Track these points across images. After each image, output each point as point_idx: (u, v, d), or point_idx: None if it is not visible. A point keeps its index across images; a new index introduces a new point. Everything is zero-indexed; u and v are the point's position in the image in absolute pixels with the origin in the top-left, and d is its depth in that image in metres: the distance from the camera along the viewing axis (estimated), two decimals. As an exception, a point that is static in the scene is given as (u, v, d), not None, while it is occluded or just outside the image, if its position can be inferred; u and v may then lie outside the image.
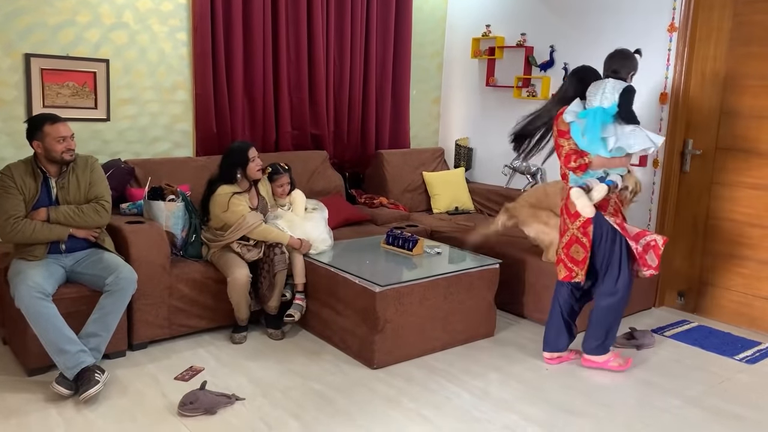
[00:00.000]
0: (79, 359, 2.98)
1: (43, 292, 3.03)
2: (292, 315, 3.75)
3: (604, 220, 3.36)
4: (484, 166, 5.83)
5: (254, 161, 3.84)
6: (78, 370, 2.96)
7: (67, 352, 2.97)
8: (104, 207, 3.31)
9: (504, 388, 3.30)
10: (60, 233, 3.21)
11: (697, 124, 4.42)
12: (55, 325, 2.99)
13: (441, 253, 4.08)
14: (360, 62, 5.39)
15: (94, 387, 2.91)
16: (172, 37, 4.49)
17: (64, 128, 3.22)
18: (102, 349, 3.17)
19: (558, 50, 5.13)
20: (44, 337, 2.99)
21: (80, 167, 3.32)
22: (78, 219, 3.23)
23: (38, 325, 2.99)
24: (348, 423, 2.89)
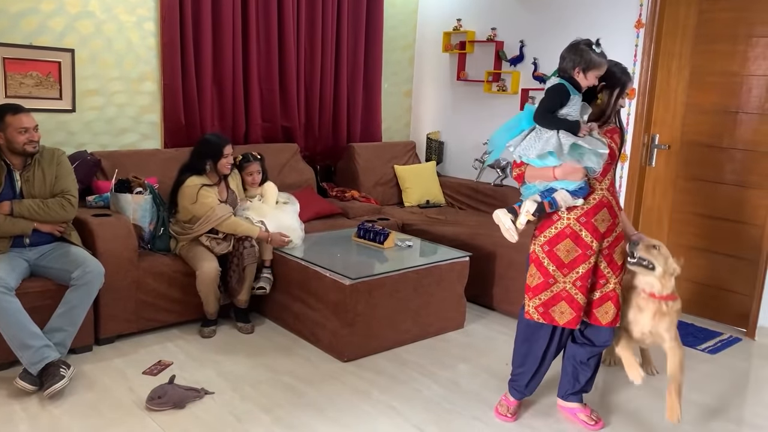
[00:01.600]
0: (43, 354, 2.93)
1: (6, 286, 2.96)
2: (264, 287, 3.77)
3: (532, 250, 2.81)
4: (455, 159, 5.86)
5: (227, 158, 3.80)
6: (42, 365, 2.91)
7: (30, 347, 2.91)
8: (70, 201, 3.25)
9: (473, 379, 3.33)
10: (24, 227, 3.15)
11: (663, 119, 4.50)
12: (18, 319, 2.93)
13: (412, 246, 4.09)
14: (331, 54, 5.36)
15: (59, 382, 2.86)
16: (140, 26, 4.41)
17: (26, 119, 3.15)
18: (67, 344, 3.12)
19: (528, 45, 5.17)
20: (7, 332, 2.93)
21: (46, 160, 3.25)
22: (42, 213, 3.17)
23: (0, 320, 2.93)
24: (318, 416, 2.89)
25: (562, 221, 2.69)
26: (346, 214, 4.90)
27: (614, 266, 2.76)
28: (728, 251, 4.26)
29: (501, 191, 5.26)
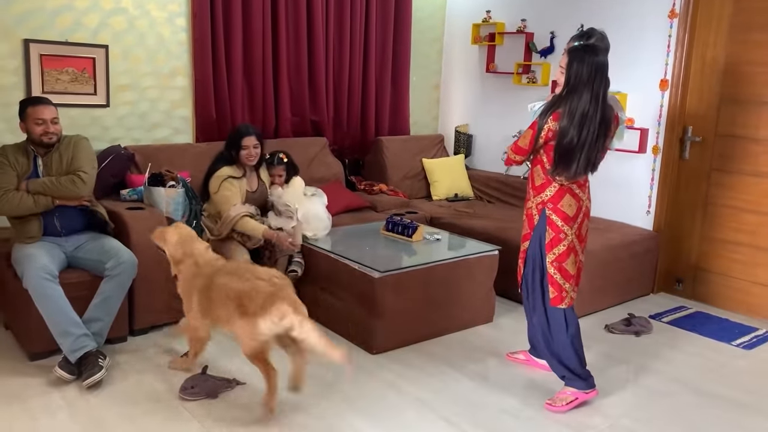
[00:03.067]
0: (83, 343, 3.01)
1: (51, 273, 3.06)
2: (296, 270, 3.81)
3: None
4: (483, 152, 5.83)
5: (247, 149, 3.84)
6: (81, 353, 2.99)
7: (71, 335, 3.00)
8: (81, 177, 3.25)
9: (502, 373, 3.32)
10: (45, 203, 3.22)
11: (696, 110, 4.42)
12: (60, 306, 3.02)
13: (440, 239, 4.09)
14: (360, 48, 5.37)
15: (98, 373, 2.93)
16: (171, 22, 4.47)
17: (44, 110, 3.24)
18: (104, 334, 3.19)
19: (558, 36, 5.11)
20: (49, 318, 3.02)
21: (64, 145, 3.34)
22: (53, 188, 3.23)
23: (44, 306, 3.01)
24: (347, 407, 2.92)
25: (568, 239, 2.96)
26: (375, 208, 4.92)
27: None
28: (763, 245, 4.17)
29: (530, 184, 5.22)
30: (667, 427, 2.88)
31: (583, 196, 2.99)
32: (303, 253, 3.90)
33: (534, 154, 3.01)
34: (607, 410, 2.99)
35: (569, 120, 2.80)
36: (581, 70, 2.79)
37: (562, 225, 2.94)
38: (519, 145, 3.01)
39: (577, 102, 2.80)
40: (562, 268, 2.97)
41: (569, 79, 2.83)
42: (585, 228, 3.06)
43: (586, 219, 3.04)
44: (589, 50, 2.82)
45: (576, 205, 2.95)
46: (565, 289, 2.98)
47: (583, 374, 3.02)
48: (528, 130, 2.97)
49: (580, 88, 2.80)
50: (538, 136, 2.90)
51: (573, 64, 2.82)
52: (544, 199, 2.98)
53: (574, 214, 2.95)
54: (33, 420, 2.71)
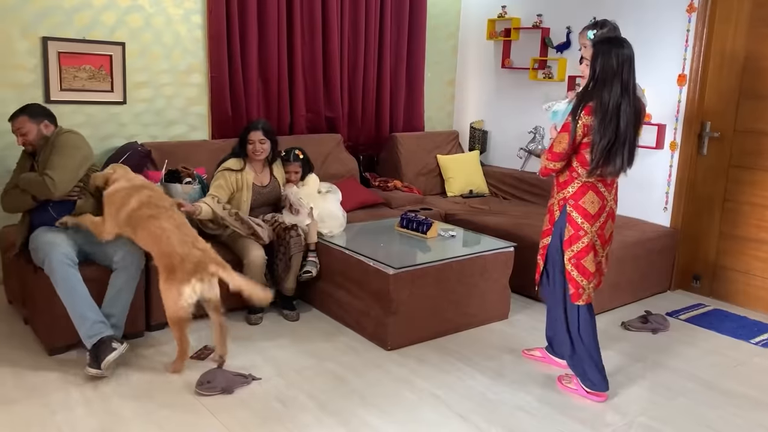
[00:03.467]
0: (99, 329, 3.05)
1: (72, 260, 3.14)
2: (310, 271, 3.82)
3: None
4: (499, 149, 5.80)
5: (252, 144, 3.85)
6: (96, 339, 3.03)
7: (88, 320, 3.05)
8: (45, 181, 3.19)
9: (518, 370, 3.31)
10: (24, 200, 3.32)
11: (715, 106, 4.36)
12: (80, 292, 3.08)
13: (455, 236, 4.08)
14: (374, 44, 5.37)
15: (111, 353, 2.97)
16: (187, 19, 4.49)
17: (12, 125, 3.36)
18: (121, 325, 3.23)
19: (575, 31, 5.07)
20: (69, 303, 3.06)
21: (50, 143, 3.35)
22: (25, 184, 3.29)
23: (65, 290, 3.06)
24: (362, 403, 2.92)
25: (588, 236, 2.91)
26: (389, 204, 4.92)
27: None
28: (784, 242, 4.12)
29: (546, 181, 5.18)
30: (684, 425, 2.86)
31: (608, 196, 2.93)
32: (317, 252, 3.91)
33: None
34: (624, 408, 2.97)
35: (603, 113, 2.74)
36: (609, 61, 2.74)
37: (582, 222, 2.90)
38: (555, 151, 2.88)
39: (608, 95, 2.74)
40: (580, 265, 2.93)
41: (596, 72, 2.78)
42: (609, 230, 2.99)
43: (610, 220, 2.97)
44: (616, 42, 2.78)
45: (599, 203, 2.90)
46: (582, 286, 2.95)
47: (593, 375, 3.00)
48: (561, 133, 2.86)
49: (609, 80, 2.74)
50: (574, 135, 2.80)
51: (599, 56, 2.77)
52: (566, 195, 2.94)
53: (596, 213, 2.90)
54: (52, 414, 2.74)
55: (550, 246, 3.05)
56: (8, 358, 3.19)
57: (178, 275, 2.94)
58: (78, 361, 3.20)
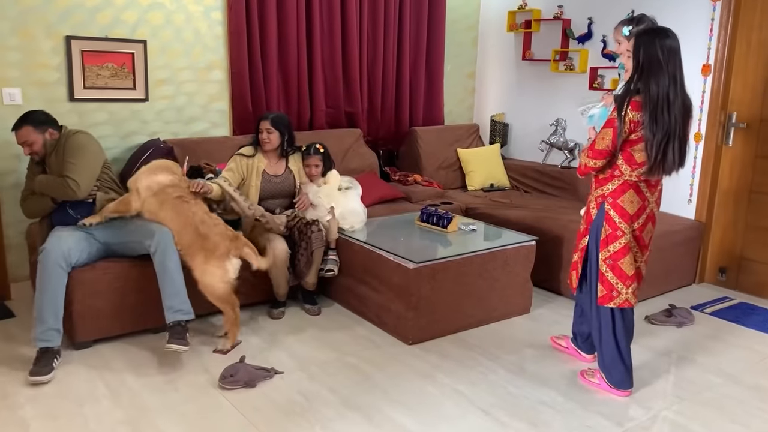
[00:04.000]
0: (50, 336, 3.06)
1: (67, 261, 3.13)
2: (332, 269, 3.84)
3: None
4: (520, 141, 5.76)
5: (262, 133, 3.87)
6: (44, 345, 3.05)
7: (45, 323, 3.05)
8: (69, 185, 3.22)
9: (540, 364, 3.30)
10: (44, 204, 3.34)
11: (741, 96, 4.29)
12: (55, 296, 3.08)
13: (476, 230, 4.07)
14: (394, 38, 5.36)
15: (45, 376, 2.97)
16: (207, 16, 4.52)
17: (16, 136, 3.33)
18: (185, 306, 3.23)
19: (596, 22, 5.01)
20: (39, 300, 3.08)
21: (60, 144, 3.34)
22: (44, 188, 3.29)
23: (43, 288, 3.07)
24: (384, 397, 2.93)
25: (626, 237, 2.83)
26: (409, 199, 4.91)
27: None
28: (813, 234, 4.05)
29: (568, 173, 5.15)
30: (709, 420, 2.82)
31: (650, 197, 2.83)
32: (338, 250, 3.92)
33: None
34: (648, 402, 2.95)
35: (653, 107, 2.61)
36: (653, 52, 2.62)
37: (620, 222, 2.80)
38: (598, 148, 2.76)
39: (656, 86, 2.61)
40: (616, 267, 2.85)
41: (639, 63, 2.65)
42: (648, 234, 2.89)
43: (650, 223, 2.88)
44: (659, 32, 2.66)
45: (639, 203, 2.80)
46: (616, 288, 2.86)
47: (617, 375, 2.97)
48: (604, 129, 2.73)
49: (654, 72, 2.62)
50: (621, 131, 2.68)
51: (641, 47, 2.65)
52: (604, 192, 2.84)
53: (635, 213, 2.80)
54: (79, 406, 2.79)
55: (588, 247, 2.96)
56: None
57: (218, 253, 3.17)
58: (103, 356, 3.25)
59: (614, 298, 2.88)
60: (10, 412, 2.73)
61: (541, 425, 2.74)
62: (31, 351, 3.25)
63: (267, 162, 3.90)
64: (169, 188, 3.31)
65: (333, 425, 2.69)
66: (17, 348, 3.32)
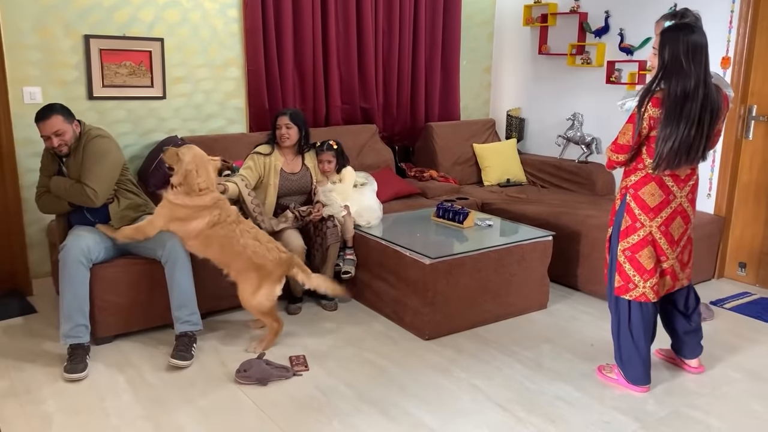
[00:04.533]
0: (78, 333, 3.09)
1: (87, 258, 3.15)
2: (349, 271, 3.86)
3: None
4: (536, 136, 5.74)
5: (279, 129, 3.88)
6: (74, 341, 3.08)
7: (72, 320, 3.09)
8: (86, 192, 3.19)
9: (557, 359, 3.29)
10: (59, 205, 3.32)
11: (761, 88, 4.23)
12: (78, 291, 3.11)
13: (492, 225, 4.06)
14: (409, 34, 5.35)
15: (80, 373, 2.99)
16: (223, 13, 4.54)
17: (43, 127, 3.18)
18: (193, 317, 3.27)
19: (613, 16, 4.97)
20: (64, 298, 3.10)
21: (81, 146, 3.29)
22: (61, 192, 3.27)
23: (67, 285, 3.10)
24: (401, 392, 2.94)
25: (645, 229, 2.82)
26: (425, 194, 4.91)
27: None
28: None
29: (586, 168, 5.12)
30: (728, 415, 2.80)
31: (677, 191, 2.81)
32: (354, 247, 3.93)
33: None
34: (666, 398, 2.93)
35: (671, 105, 2.62)
36: (677, 49, 2.61)
37: (639, 213, 2.81)
38: (620, 143, 2.79)
39: (676, 85, 2.61)
40: (634, 259, 2.84)
41: (664, 61, 2.66)
42: (678, 229, 2.86)
43: (679, 218, 2.85)
44: (684, 29, 2.65)
45: (661, 197, 2.78)
46: (633, 281, 2.86)
47: (635, 371, 2.95)
48: (626, 124, 2.76)
49: (677, 69, 2.62)
50: (640, 127, 2.70)
51: (666, 44, 2.65)
52: (627, 184, 2.85)
53: (657, 206, 2.79)
54: (100, 400, 2.83)
55: (611, 237, 2.96)
56: (58, 347, 3.29)
57: (272, 279, 3.23)
58: (123, 351, 3.29)
59: (630, 290, 2.88)
60: (33, 407, 2.78)
61: (558, 421, 2.73)
62: (53, 347, 3.31)
63: (284, 159, 3.92)
64: (213, 229, 3.21)
65: (350, 420, 2.71)
66: (40, 343, 3.38)
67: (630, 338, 2.93)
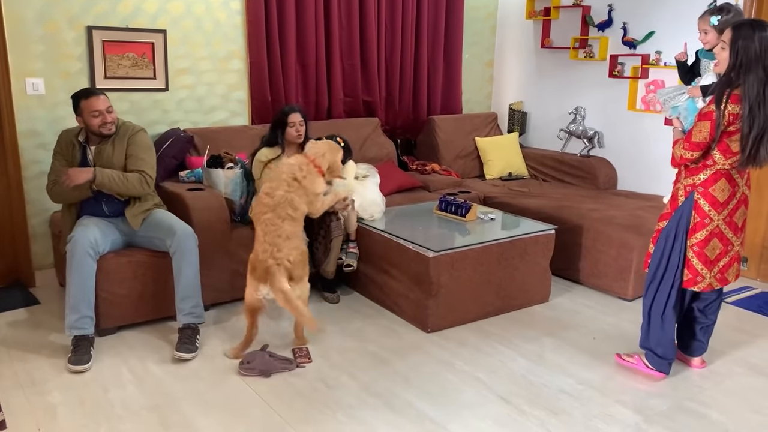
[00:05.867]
0: (83, 324, 3.10)
1: (94, 249, 3.15)
2: (351, 264, 3.85)
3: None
4: (538, 130, 5.73)
5: (293, 126, 3.84)
6: (78, 333, 3.09)
7: (79, 312, 3.09)
8: (146, 181, 3.32)
9: (559, 352, 3.30)
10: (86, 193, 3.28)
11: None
12: (85, 283, 3.11)
13: (494, 219, 4.06)
14: (412, 27, 5.34)
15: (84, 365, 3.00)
16: (227, 5, 4.53)
17: (97, 102, 3.22)
18: (197, 309, 3.28)
19: (616, 9, 4.96)
20: (71, 289, 3.10)
21: (120, 136, 3.33)
22: (121, 185, 3.26)
23: (74, 277, 3.10)
24: (404, 384, 2.95)
25: (713, 224, 2.85)
26: (427, 188, 4.91)
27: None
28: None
29: (588, 162, 5.12)
30: (731, 409, 2.81)
31: (741, 182, 2.84)
32: (357, 240, 3.93)
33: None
34: (669, 392, 2.94)
35: (751, 101, 2.61)
36: (752, 46, 2.60)
37: (709, 210, 2.81)
38: (695, 141, 2.74)
39: (754, 81, 2.60)
40: (702, 254, 2.86)
41: (738, 57, 2.63)
42: (741, 216, 2.89)
43: (742, 206, 2.88)
44: (758, 25, 2.63)
45: (730, 190, 2.80)
46: (701, 274, 2.89)
47: (661, 356, 3.01)
48: (701, 122, 2.72)
49: (753, 66, 2.61)
50: (720, 124, 2.66)
51: (739, 40, 2.62)
52: (695, 182, 2.83)
53: (726, 200, 2.81)
54: (104, 392, 2.84)
55: (665, 229, 2.95)
56: (61, 338, 3.31)
57: (255, 275, 3.09)
58: (127, 342, 3.30)
59: (698, 282, 2.91)
60: (38, 398, 2.79)
61: (561, 413, 2.74)
62: (57, 338, 3.32)
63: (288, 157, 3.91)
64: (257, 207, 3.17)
65: (354, 412, 2.72)
66: (44, 335, 3.39)
67: (660, 324, 2.98)
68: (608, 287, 4.03)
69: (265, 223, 3.09)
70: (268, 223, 3.09)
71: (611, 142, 5.13)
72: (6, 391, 2.83)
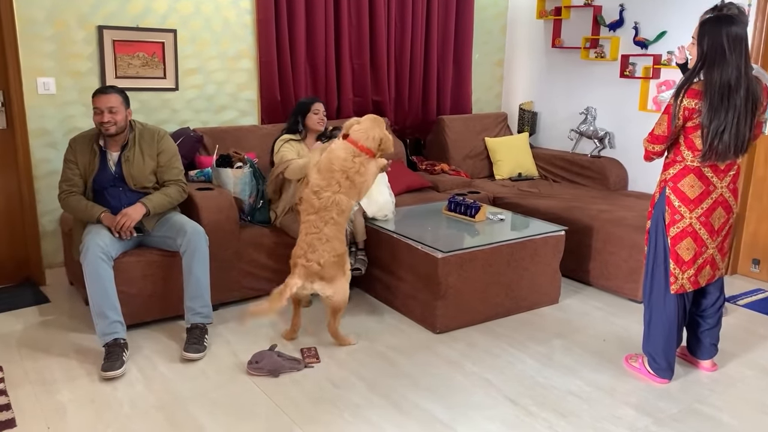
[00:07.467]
0: (114, 329, 3.07)
1: (107, 254, 3.13)
2: (359, 268, 3.84)
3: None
4: (549, 130, 5.71)
5: (317, 114, 3.93)
6: (110, 338, 3.05)
7: (107, 318, 3.06)
8: (184, 189, 3.46)
9: (568, 354, 3.28)
10: (92, 214, 3.24)
11: (778, 83, 4.18)
12: (106, 288, 3.09)
13: (504, 219, 4.04)
14: (422, 26, 5.32)
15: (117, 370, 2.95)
16: (236, 4, 4.54)
17: (99, 100, 3.20)
18: (205, 309, 3.28)
19: (628, 9, 4.92)
20: (93, 297, 3.09)
21: (146, 141, 3.34)
22: (168, 205, 3.38)
23: (93, 284, 3.08)
24: (412, 385, 2.94)
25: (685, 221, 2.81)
26: (436, 188, 4.90)
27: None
28: None
29: (598, 163, 5.09)
30: (741, 412, 2.78)
31: (717, 182, 2.78)
32: (366, 241, 3.92)
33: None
34: (679, 394, 2.92)
35: (712, 96, 2.60)
36: (717, 40, 2.59)
37: (679, 206, 2.80)
38: (655, 134, 2.80)
39: (717, 76, 2.60)
40: (673, 251, 2.84)
41: (703, 51, 2.63)
42: (719, 219, 2.84)
43: (720, 208, 2.83)
44: (724, 20, 2.61)
45: (701, 188, 2.77)
46: (674, 273, 2.85)
47: (660, 362, 2.96)
48: (662, 115, 2.76)
49: (717, 60, 2.60)
50: (675, 118, 2.69)
51: (706, 35, 2.63)
52: (666, 177, 2.84)
53: (696, 197, 2.78)
54: (113, 390, 2.85)
55: (650, 229, 2.95)
56: (71, 336, 3.33)
57: (293, 271, 3.19)
58: (136, 341, 3.31)
59: (672, 283, 2.87)
60: (48, 396, 2.80)
61: (570, 415, 2.73)
62: (67, 336, 3.35)
63: (307, 149, 3.94)
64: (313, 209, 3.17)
65: (361, 412, 2.72)
66: (53, 333, 3.41)
67: (659, 329, 2.94)
68: (618, 289, 4.00)
69: (308, 224, 3.16)
70: (310, 224, 3.15)
71: (622, 143, 5.09)
72: (15, 389, 2.85)
